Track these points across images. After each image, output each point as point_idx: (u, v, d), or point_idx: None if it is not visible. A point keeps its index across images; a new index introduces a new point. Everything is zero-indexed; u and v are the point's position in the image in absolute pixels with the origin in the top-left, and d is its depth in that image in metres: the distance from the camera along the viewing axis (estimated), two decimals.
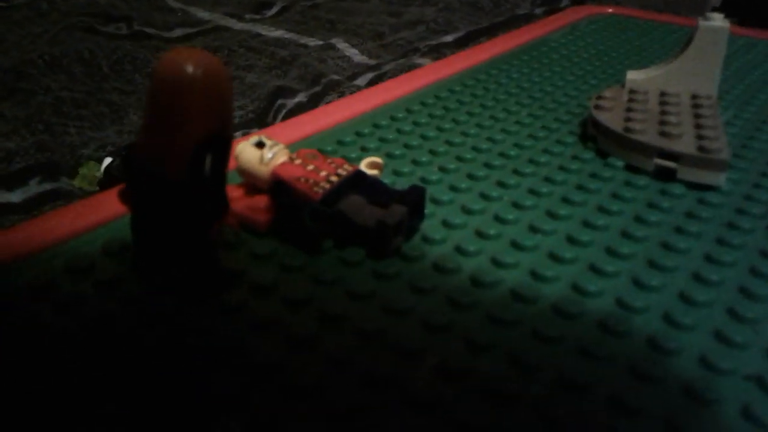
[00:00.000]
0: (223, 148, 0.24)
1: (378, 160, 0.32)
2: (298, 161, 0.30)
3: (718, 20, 0.39)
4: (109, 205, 0.32)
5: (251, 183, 0.31)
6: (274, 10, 1.21)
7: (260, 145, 0.30)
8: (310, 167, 0.30)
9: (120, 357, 0.23)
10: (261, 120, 0.71)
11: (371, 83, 0.91)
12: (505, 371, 0.23)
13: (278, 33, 1.07)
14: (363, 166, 0.32)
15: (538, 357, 0.23)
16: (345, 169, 0.30)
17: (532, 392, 0.22)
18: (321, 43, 1.04)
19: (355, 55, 1.00)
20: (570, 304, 0.25)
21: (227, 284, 0.27)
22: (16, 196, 0.50)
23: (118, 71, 0.85)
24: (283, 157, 0.30)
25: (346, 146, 0.39)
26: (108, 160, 0.66)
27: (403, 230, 0.29)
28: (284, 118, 0.72)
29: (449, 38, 1.05)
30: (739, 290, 0.27)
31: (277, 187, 0.29)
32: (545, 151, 0.38)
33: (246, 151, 0.30)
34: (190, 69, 0.23)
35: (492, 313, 0.25)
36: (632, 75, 0.42)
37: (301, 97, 0.81)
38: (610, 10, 0.70)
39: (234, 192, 0.31)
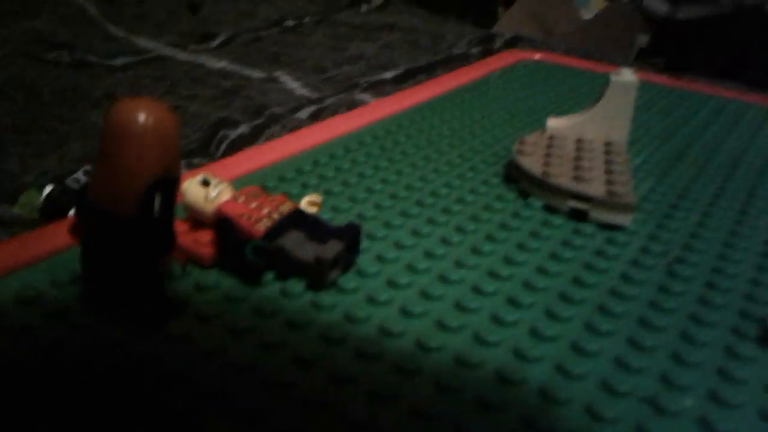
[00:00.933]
0: (171, 187, 0.26)
1: (316, 198, 0.35)
2: (241, 199, 0.32)
3: (627, 75, 0.43)
4: (56, 237, 0.33)
5: (195, 218, 0.32)
6: (218, 41, 1.23)
7: (205, 183, 0.32)
8: (253, 205, 0.32)
9: (69, 385, 0.25)
10: (203, 150, 0.73)
11: (312, 117, 0.94)
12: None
13: (222, 64, 1.09)
14: (303, 203, 0.34)
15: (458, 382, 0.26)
16: (286, 207, 0.32)
17: None
18: (264, 75, 1.06)
19: (297, 88, 1.03)
20: (489, 333, 0.28)
21: (173, 313, 0.28)
22: None
23: (60, 99, 0.86)
24: (227, 195, 0.32)
25: (287, 182, 0.41)
26: (49, 188, 0.66)
27: (340, 264, 0.31)
28: (227, 149, 0.73)
29: (388, 75, 1.09)
30: (638, 321, 0.30)
31: (222, 223, 0.31)
32: (472, 191, 0.41)
33: (191, 188, 0.32)
34: (141, 118, 0.25)
35: (420, 341, 0.28)
36: (552, 122, 0.46)
37: (243, 129, 0.83)
38: (538, 56, 0.75)
39: (180, 226, 0.32)
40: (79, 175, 0.73)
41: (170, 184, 0.26)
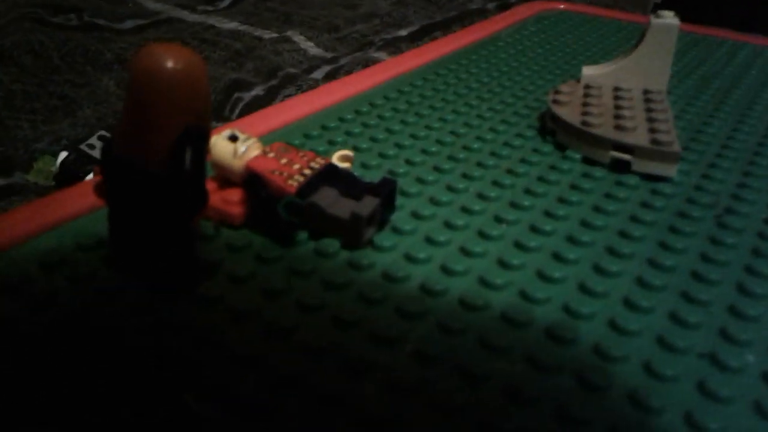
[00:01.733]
0: (202, 140, 0.25)
1: (349, 152, 0.33)
2: (271, 154, 0.31)
3: (669, 18, 0.41)
4: (78, 199, 0.32)
5: (224, 176, 0.31)
6: (227, 1, 1.20)
7: (233, 138, 0.31)
8: (284, 160, 0.30)
9: (98, 351, 0.23)
10: (218, 113, 0.71)
11: (328, 77, 0.92)
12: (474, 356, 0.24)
13: (232, 25, 1.07)
14: (335, 159, 0.33)
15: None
16: (317, 162, 0.31)
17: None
18: (276, 35, 1.04)
19: (310, 48, 1.00)
20: (535, 290, 0.27)
21: (204, 275, 0.27)
22: None
23: (70, 63, 0.84)
24: (256, 151, 0.31)
25: (313, 140, 0.40)
26: (63, 154, 0.65)
27: (376, 221, 0.30)
28: (241, 111, 0.72)
29: (404, 32, 1.06)
30: (691, 275, 0.29)
31: (252, 180, 0.30)
32: (506, 144, 0.40)
33: (219, 144, 0.30)
34: (169, 64, 0.23)
35: (464, 299, 0.26)
36: (587, 70, 0.44)
37: (258, 90, 0.81)
38: (562, 7, 0.73)
39: (208, 185, 0.31)
40: (94, 141, 0.71)
41: (202, 136, 0.24)
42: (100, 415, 0.21)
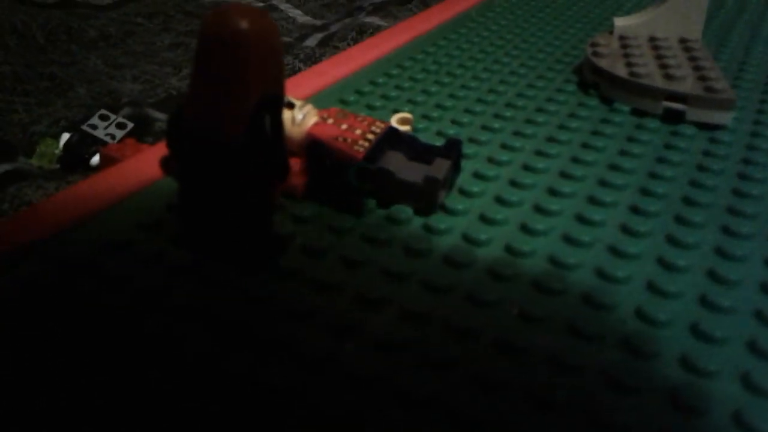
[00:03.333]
0: (279, 106, 0.23)
1: (408, 115, 0.32)
2: (330, 120, 0.29)
3: None
4: (127, 176, 0.30)
5: None
6: None
7: (290, 105, 0.29)
8: (344, 126, 0.29)
9: (180, 333, 0.22)
10: None
11: (322, 44, 0.89)
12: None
13: None
14: (394, 121, 0.31)
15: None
16: (378, 126, 0.29)
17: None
18: (261, 4, 1.01)
19: (298, 15, 0.98)
20: (623, 244, 0.26)
21: (280, 249, 0.26)
22: None
23: (54, 42, 0.81)
24: (314, 118, 0.29)
25: (350, 105, 0.38)
26: (66, 136, 0.63)
27: (448, 185, 0.29)
28: None
29: None
30: None
31: (315, 148, 0.28)
32: (550, 100, 0.39)
33: None
34: (245, 26, 0.21)
35: (554, 258, 0.25)
36: (620, 21, 0.43)
37: None
38: None
39: None
40: (95, 120, 0.69)
41: (279, 103, 0.23)
42: (196, 387, 0.20)
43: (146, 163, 0.31)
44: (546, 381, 0.20)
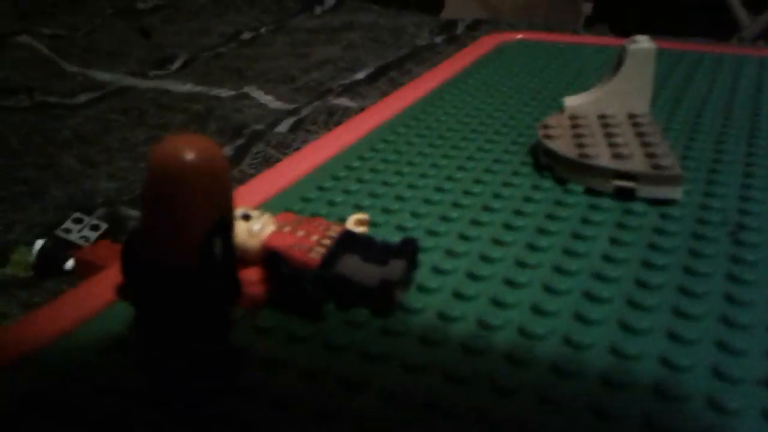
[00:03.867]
0: (229, 229, 0.24)
1: (364, 216, 0.33)
2: (287, 228, 0.30)
3: (644, 42, 0.42)
4: (86, 300, 0.31)
5: (240, 257, 0.30)
6: (177, 64, 1.19)
7: (246, 217, 0.30)
8: (300, 233, 0.30)
9: None
10: None
11: (293, 128, 0.91)
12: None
13: (186, 87, 1.06)
14: (350, 224, 0.32)
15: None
16: (334, 230, 0.30)
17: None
18: (233, 93, 1.03)
19: (270, 101, 1.00)
20: (578, 333, 0.26)
21: (241, 363, 0.26)
22: None
23: (28, 145, 0.82)
24: (271, 227, 0.30)
25: (312, 202, 0.39)
26: (39, 243, 0.63)
27: (404, 284, 0.29)
28: None
29: (361, 75, 1.07)
30: (726, 298, 0.29)
31: (272, 258, 0.29)
32: (506, 185, 0.40)
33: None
34: (190, 156, 0.22)
35: (512, 354, 0.26)
36: (570, 101, 0.44)
37: (226, 151, 0.80)
38: (519, 36, 0.74)
39: None
40: (69, 224, 0.69)
41: (228, 226, 0.24)
42: None
43: (101, 282, 0.31)
44: None
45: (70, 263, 0.59)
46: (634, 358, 0.25)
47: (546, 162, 0.41)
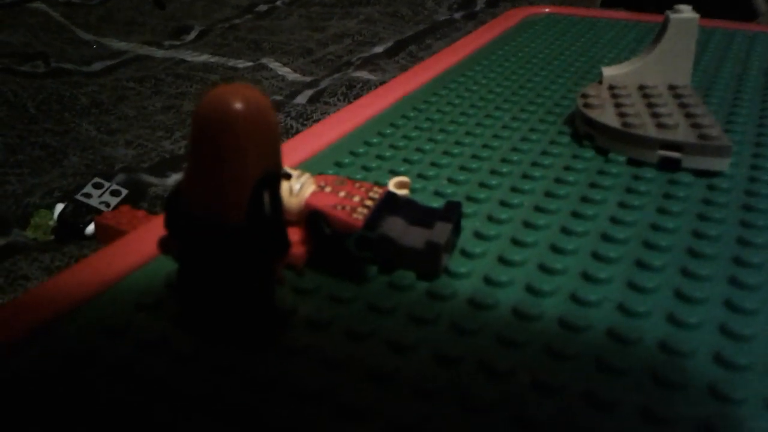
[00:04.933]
0: (277, 183, 0.23)
1: (405, 179, 0.32)
2: (328, 188, 0.29)
3: (687, 12, 0.41)
4: (126, 255, 0.30)
5: None
6: (192, 34, 1.17)
7: (286, 176, 0.29)
8: (342, 193, 0.29)
9: (187, 426, 0.21)
10: None
11: (312, 100, 0.90)
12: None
13: (203, 57, 1.05)
14: (391, 186, 0.31)
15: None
16: (376, 192, 0.29)
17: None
18: (251, 64, 1.02)
19: (288, 73, 0.99)
20: (627, 300, 0.26)
21: (283, 325, 0.25)
22: None
23: (46, 111, 0.81)
24: (311, 187, 0.29)
25: (346, 168, 0.38)
26: (60, 207, 0.62)
27: (450, 248, 0.28)
28: None
29: (379, 49, 1.05)
30: None
31: (314, 218, 0.28)
32: (545, 153, 0.39)
33: None
34: (239, 106, 0.21)
35: (563, 320, 0.25)
36: (608, 71, 0.43)
37: None
38: (547, 10, 0.72)
39: None
40: (89, 189, 0.68)
41: (276, 180, 0.23)
42: None
43: (145, 239, 0.30)
44: None
45: (90, 228, 0.58)
46: (693, 327, 0.25)
47: (585, 131, 0.40)
